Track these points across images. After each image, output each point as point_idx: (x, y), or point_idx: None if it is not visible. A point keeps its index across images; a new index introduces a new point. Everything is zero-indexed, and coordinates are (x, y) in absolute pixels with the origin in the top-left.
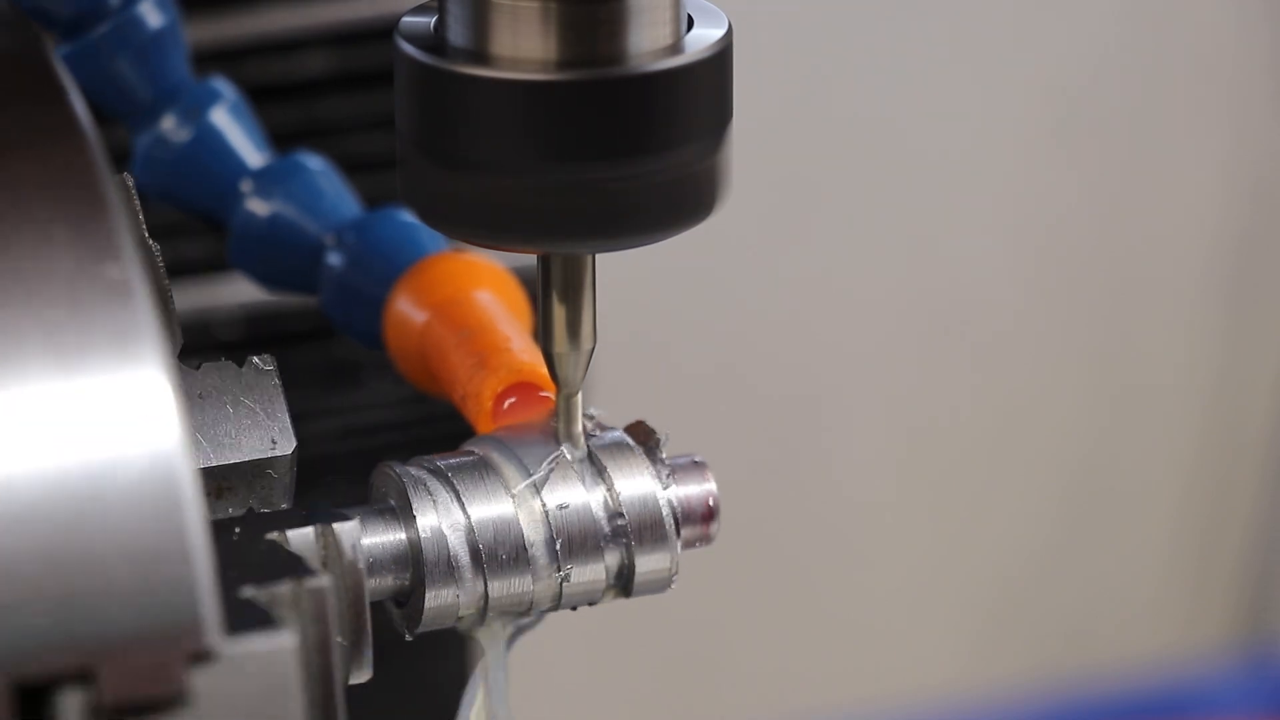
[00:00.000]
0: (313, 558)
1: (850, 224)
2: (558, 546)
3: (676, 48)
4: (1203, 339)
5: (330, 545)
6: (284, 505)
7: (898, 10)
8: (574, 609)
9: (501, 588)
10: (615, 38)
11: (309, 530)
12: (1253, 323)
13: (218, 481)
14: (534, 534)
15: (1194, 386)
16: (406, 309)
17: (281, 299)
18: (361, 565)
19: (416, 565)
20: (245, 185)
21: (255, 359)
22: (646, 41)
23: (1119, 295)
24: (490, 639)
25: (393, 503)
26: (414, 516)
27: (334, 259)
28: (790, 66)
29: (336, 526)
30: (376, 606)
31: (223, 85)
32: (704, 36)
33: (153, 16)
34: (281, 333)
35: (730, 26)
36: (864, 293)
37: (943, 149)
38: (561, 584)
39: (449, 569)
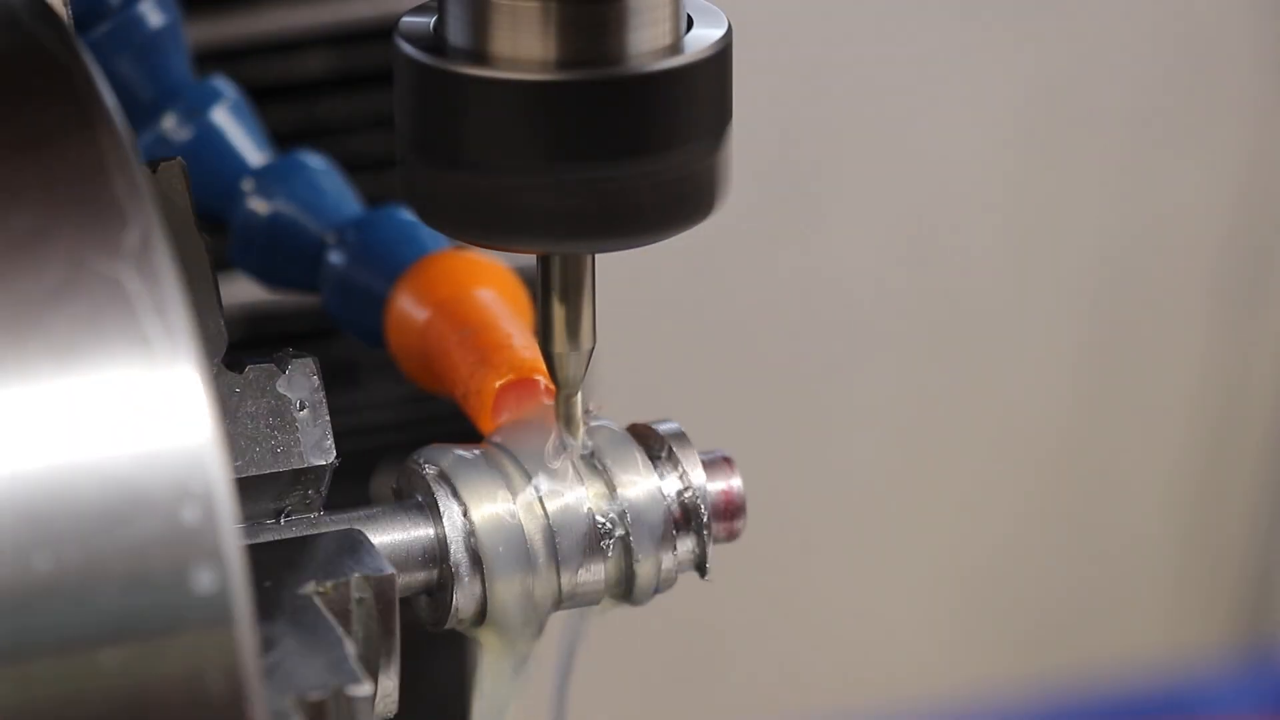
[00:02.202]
0: (347, 602)
1: (850, 224)
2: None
3: (676, 48)
4: (1202, 339)
5: (365, 592)
6: (319, 512)
7: (897, 10)
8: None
9: (519, 585)
10: (615, 38)
11: (344, 581)
12: (1253, 323)
13: (249, 488)
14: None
15: (1194, 386)
16: (408, 307)
17: (282, 298)
18: (397, 615)
19: (444, 561)
20: (246, 184)
21: (298, 360)
22: (646, 41)
23: (1118, 294)
24: (503, 647)
25: (419, 499)
26: (440, 513)
27: (335, 257)
28: (790, 66)
29: (374, 578)
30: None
31: (223, 85)
32: (704, 36)
33: (153, 16)
34: (282, 332)
35: (730, 26)
36: (863, 294)
37: (942, 148)
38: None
39: (476, 565)
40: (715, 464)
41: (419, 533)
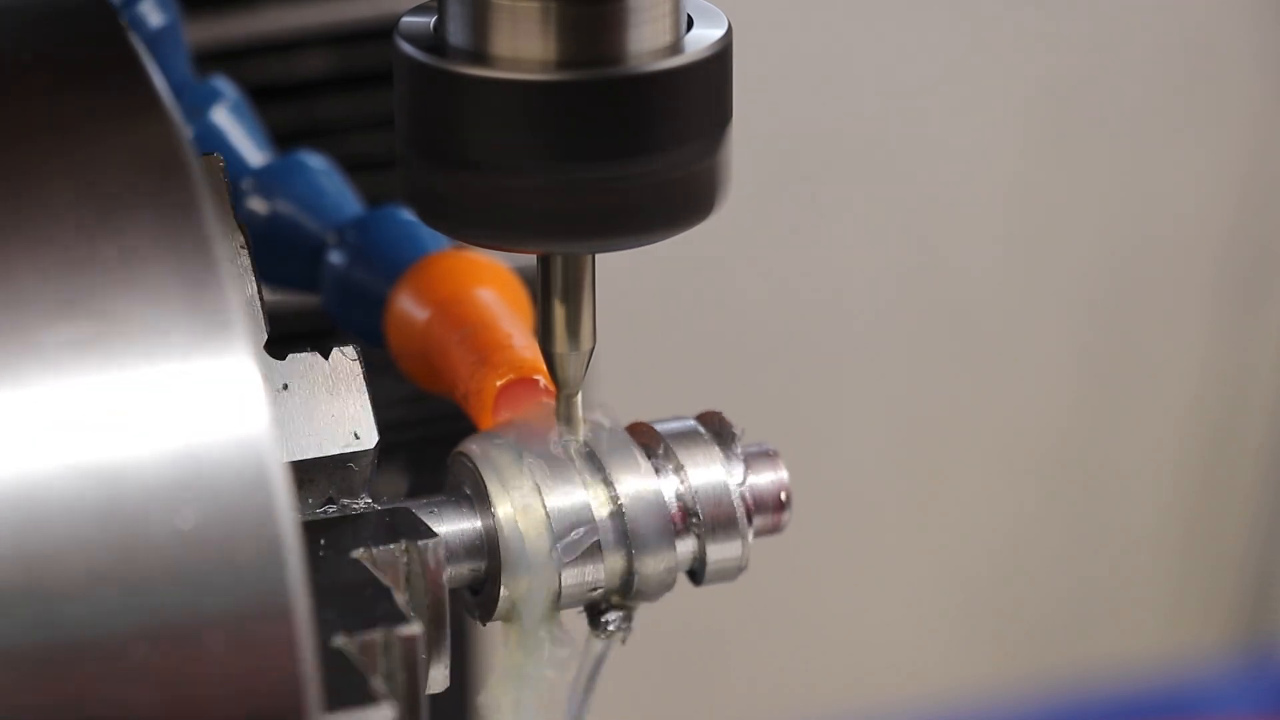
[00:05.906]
0: (396, 572)
1: (852, 224)
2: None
3: (676, 48)
4: (1203, 340)
5: (414, 560)
6: (364, 496)
7: (897, 10)
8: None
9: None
10: (615, 38)
11: (393, 547)
12: (1253, 323)
13: (299, 475)
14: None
15: (1194, 387)
16: (408, 307)
17: (282, 298)
18: (445, 581)
19: (492, 554)
20: (246, 184)
21: (339, 350)
22: (646, 41)
23: (1119, 295)
24: (535, 640)
25: (468, 491)
26: (490, 505)
27: (335, 257)
28: (791, 66)
29: (421, 544)
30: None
31: (224, 85)
32: (703, 36)
33: (153, 16)
34: (281, 332)
35: (730, 27)
36: (865, 294)
37: (942, 149)
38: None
39: (524, 557)
40: (760, 457)
41: (467, 525)
